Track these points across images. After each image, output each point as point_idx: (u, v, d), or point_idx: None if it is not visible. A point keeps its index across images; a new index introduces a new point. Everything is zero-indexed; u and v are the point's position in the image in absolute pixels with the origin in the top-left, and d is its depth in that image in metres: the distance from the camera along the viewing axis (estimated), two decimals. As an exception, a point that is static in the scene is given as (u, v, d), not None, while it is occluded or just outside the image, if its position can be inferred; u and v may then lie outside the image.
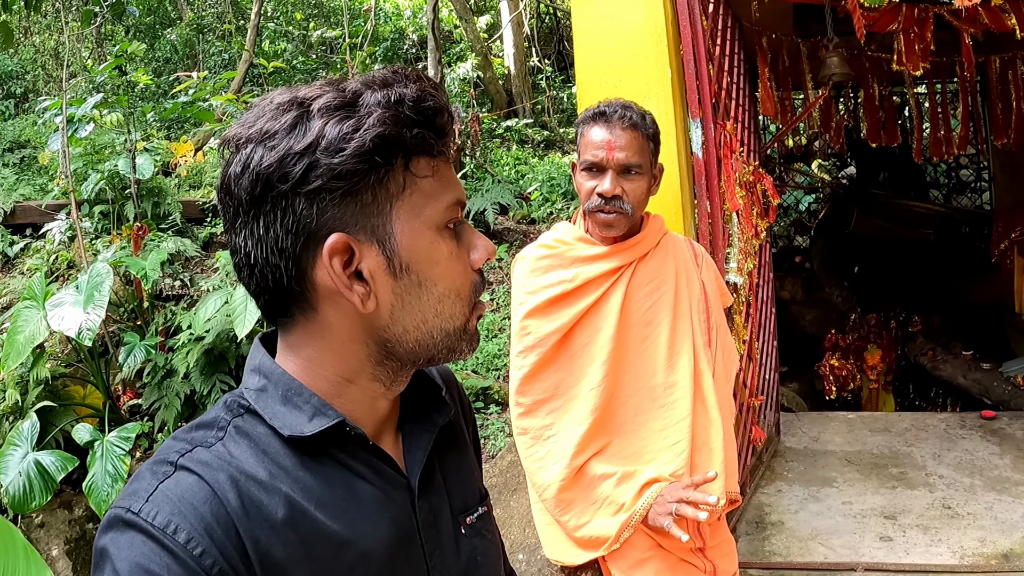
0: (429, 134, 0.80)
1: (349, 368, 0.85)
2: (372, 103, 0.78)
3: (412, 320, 0.84)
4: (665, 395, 1.96)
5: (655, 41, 2.76)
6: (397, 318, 0.83)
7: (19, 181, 7.10)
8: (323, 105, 0.78)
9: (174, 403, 4.41)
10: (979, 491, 3.79)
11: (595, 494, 1.91)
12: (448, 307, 0.85)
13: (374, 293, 0.81)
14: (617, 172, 1.90)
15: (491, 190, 6.64)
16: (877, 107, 5.59)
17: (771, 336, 4.52)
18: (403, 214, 0.81)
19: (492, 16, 12.12)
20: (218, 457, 0.79)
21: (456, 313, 0.86)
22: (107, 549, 0.73)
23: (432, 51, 7.21)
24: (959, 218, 7.63)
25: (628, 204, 1.91)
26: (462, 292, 0.86)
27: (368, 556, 0.82)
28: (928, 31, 3.86)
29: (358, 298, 0.81)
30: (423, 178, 0.82)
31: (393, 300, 0.82)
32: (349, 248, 0.79)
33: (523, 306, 2.00)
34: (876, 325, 6.99)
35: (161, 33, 11.82)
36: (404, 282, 0.82)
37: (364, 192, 0.79)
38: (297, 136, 0.77)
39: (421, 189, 0.82)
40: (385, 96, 0.78)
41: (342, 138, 0.76)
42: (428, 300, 0.84)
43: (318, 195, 0.77)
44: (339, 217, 0.79)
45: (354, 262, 0.80)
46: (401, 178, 0.80)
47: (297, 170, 0.76)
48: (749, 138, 4.01)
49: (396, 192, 0.80)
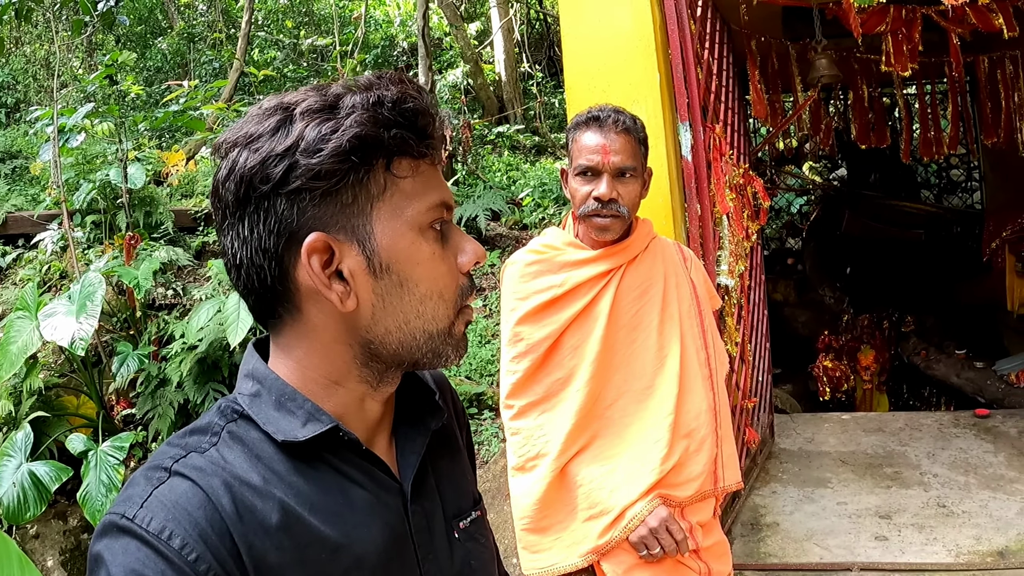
0: (409, 135, 0.81)
1: (336, 369, 0.86)
2: (351, 105, 0.79)
3: (394, 321, 0.84)
4: (651, 396, 1.98)
5: (643, 45, 2.77)
6: (379, 318, 0.83)
7: (11, 192, 7.09)
8: (305, 108, 0.79)
9: (168, 412, 4.40)
10: (974, 489, 3.80)
11: (578, 495, 1.94)
12: (431, 309, 0.85)
13: (354, 292, 0.82)
14: (612, 176, 1.92)
15: (483, 196, 6.65)
16: (866, 108, 5.62)
17: (764, 338, 4.53)
18: (384, 214, 0.82)
19: (482, 23, 12.15)
20: (212, 462, 0.79)
21: (439, 315, 0.86)
22: (102, 555, 0.73)
23: (422, 58, 7.23)
24: (950, 218, 7.66)
25: (624, 207, 1.93)
26: (445, 294, 0.86)
27: (361, 560, 0.82)
28: (916, 32, 3.89)
29: (336, 296, 0.81)
30: (404, 179, 0.82)
31: (374, 300, 0.83)
32: (329, 247, 0.80)
33: (514, 312, 2.02)
34: (869, 326, 7.00)
35: (152, 42, 11.82)
36: (385, 282, 0.82)
37: (344, 192, 0.80)
38: (279, 138, 0.78)
39: (402, 190, 0.82)
40: (365, 98, 0.79)
41: (320, 139, 0.77)
42: (410, 301, 0.83)
43: (298, 195, 0.78)
44: (319, 217, 0.80)
45: (334, 261, 0.81)
46: (382, 179, 0.81)
47: (278, 171, 0.77)
48: (739, 141, 4.02)
49: (377, 193, 0.81)
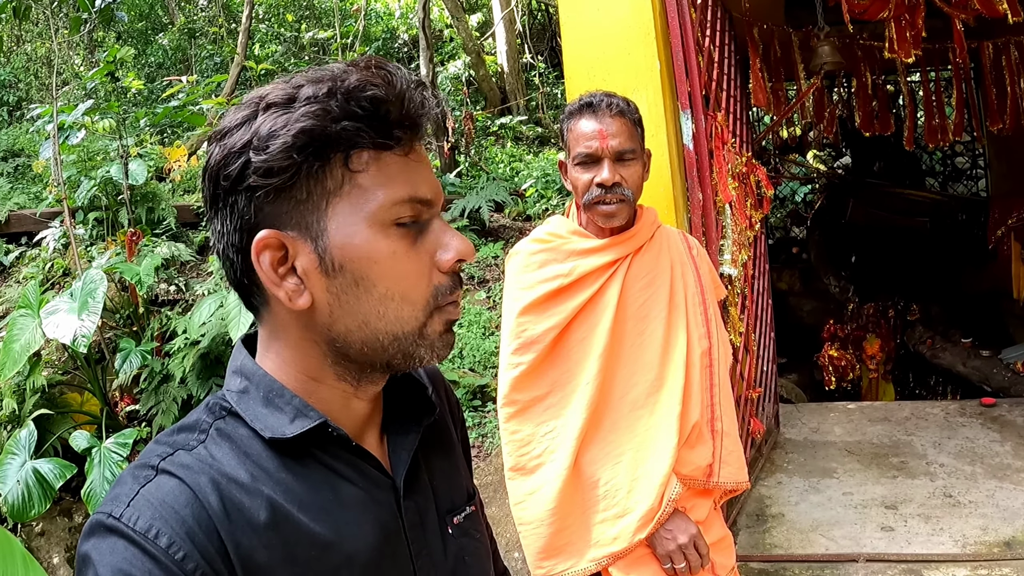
0: (362, 126, 0.77)
1: (311, 367, 0.84)
2: (304, 97, 0.76)
3: (353, 320, 0.81)
4: (660, 389, 1.94)
5: (643, 33, 2.74)
6: (337, 318, 0.81)
7: (13, 190, 7.10)
8: (268, 101, 0.77)
9: (171, 408, 4.40)
10: (980, 479, 3.78)
11: (591, 495, 1.90)
12: (392, 310, 0.80)
13: (309, 291, 0.80)
14: (612, 160, 1.89)
15: (486, 187, 6.65)
16: (870, 96, 5.58)
17: (768, 327, 4.52)
18: (341, 210, 0.79)
19: (484, 14, 12.13)
20: (199, 460, 0.78)
21: (403, 317, 0.81)
22: (89, 555, 0.72)
23: (424, 50, 7.21)
24: (955, 205, 7.62)
25: (628, 190, 1.90)
26: (410, 295, 0.81)
27: (353, 558, 0.81)
28: (919, 18, 3.85)
29: (284, 294, 0.79)
30: (361, 173, 0.79)
31: (329, 299, 0.80)
32: (282, 244, 0.78)
33: (518, 302, 1.96)
34: (874, 314, 6.98)
35: (153, 38, 11.82)
36: (339, 281, 0.79)
37: (298, 188, 0.78)
38: (241, 134, 0.77)
39: (360, 185, 0.79)
40: (318, 89, 0.77)
41: (270, 135, 0.75)
42: (368, 301, 0.80)
43: (254, 192, 0.77)
44: (275, 214, 0.78)
45: (289, 259, 0.79)
46: (339, 173, 0.78)
47: (235, 168, 0.77)
48: (741, 129, 4.00)
49: (333, 188, 0.78)
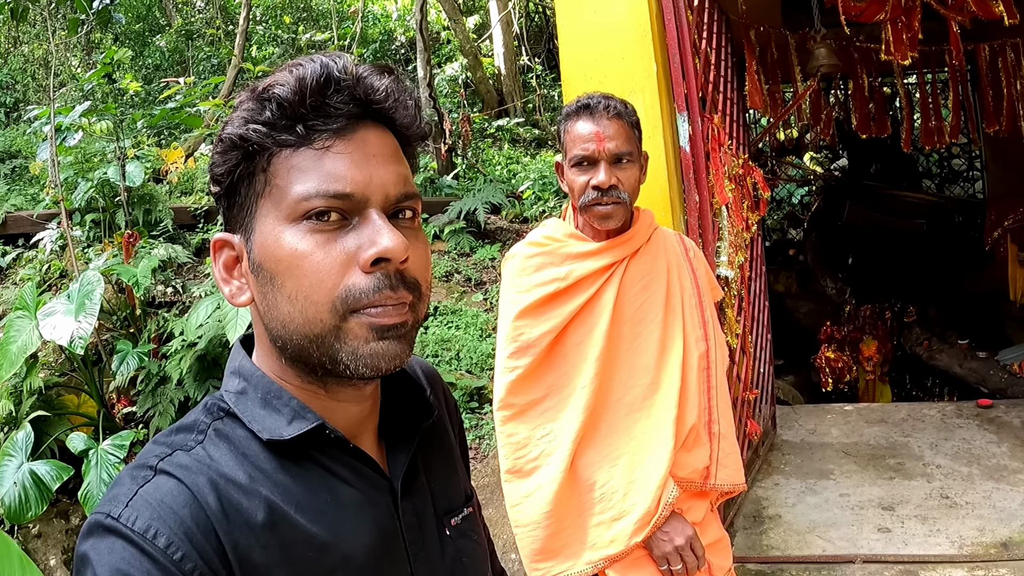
0: (265, 128, 0.78)
1: (275, 367, 0.86)
2: (238, 103, 0.81)
3: (277, 320, 0.81)
4: (656, 392, 1.94)
5: (640, 35, 2.75)
6: (266, 316, 0.82)
7: (10, 191, 7.09)
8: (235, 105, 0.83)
9: (168, 410, 4.40)
10: (977, 480, 3.78)
11: (587, 498, 1.90)
12: (299, 311, 0.78)
13: (250, 289, 0.83)
14: (609, 162, 1.88)
15: (483, 189, 6.65)
16: (867, 98, 5.59)
17: (765, 329, 4.52)
18: (265, 211, 0.80)
19: (481, 16, 12.14)
20: (198, 461, 0.79)
21: (310, 318, 0.78)
22: (88, 555, 0.72)
23: (421, 52, 7.21)
24: (952, 207, 7.64)
25: (624, 193, 1.89)
26: (314, 295, 0.77)
27: (350, 559, 0.81)
28: (915, 20, 3.86)
29: (228, 292, 0.85)
30: (278, 171, 0.80)
31: (259, 298, 0.82)
32: (230, 245, 0.84)
33: (514, 306, 1.95)
34: (871, 316, 6.99)
35: (150, 40, 11.81)
36: (260, 279, 0.81)
37: (238, 191, 0.82)
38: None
39: (278, 184, 0.80)
40: (247, 95, 0.81)
41: (218, 140, 0.81)
42: (282, 300, 0.79)
43: (217, 197, 0.84)
44: (228, 217, 0.85)
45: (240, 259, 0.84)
46: (264, 175, 0.80)
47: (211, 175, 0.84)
48: (738, 131, 4.00)
49: (260, 189, 0.81)
